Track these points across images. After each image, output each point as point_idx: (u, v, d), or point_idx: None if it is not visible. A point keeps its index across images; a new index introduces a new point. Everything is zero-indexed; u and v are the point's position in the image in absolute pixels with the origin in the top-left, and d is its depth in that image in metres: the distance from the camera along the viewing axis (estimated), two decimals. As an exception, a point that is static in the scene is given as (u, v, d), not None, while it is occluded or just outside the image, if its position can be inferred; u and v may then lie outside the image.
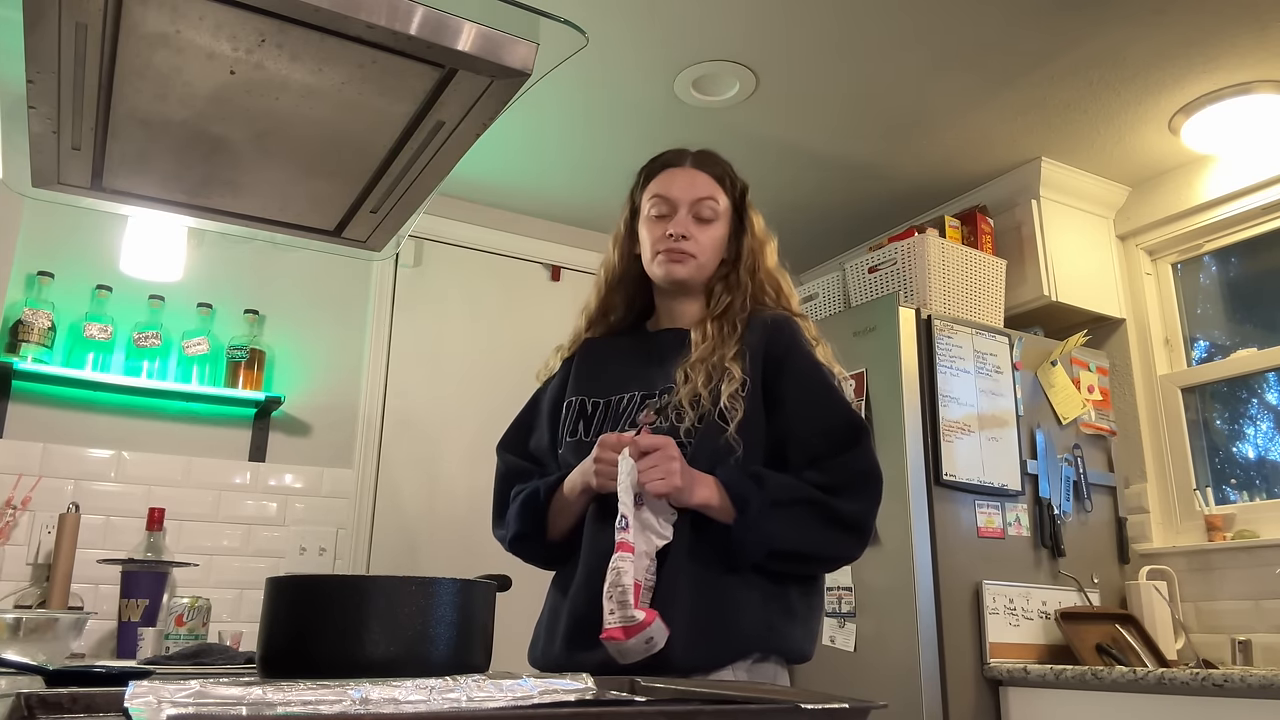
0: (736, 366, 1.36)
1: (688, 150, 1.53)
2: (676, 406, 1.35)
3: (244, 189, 1.28)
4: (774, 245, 1.54)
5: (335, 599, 0.81)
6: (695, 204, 1.46)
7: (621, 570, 1.18)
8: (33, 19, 0.90)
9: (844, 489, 1.33)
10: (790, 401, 1.37)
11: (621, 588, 1.17)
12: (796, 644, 1.34)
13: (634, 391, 1.43)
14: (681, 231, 1.44)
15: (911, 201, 3.35)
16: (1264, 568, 2.61)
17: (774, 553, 1.30)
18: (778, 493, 1.29)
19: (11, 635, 1.29)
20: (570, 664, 1.31)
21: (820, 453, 1.35)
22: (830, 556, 1.38)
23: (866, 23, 2.40)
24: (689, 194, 1.46)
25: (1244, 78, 2.60)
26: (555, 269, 3.57)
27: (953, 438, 2.59)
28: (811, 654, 1.38)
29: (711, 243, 1.47)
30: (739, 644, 1.29)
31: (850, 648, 2.54)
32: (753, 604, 1.31)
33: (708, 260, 1.47)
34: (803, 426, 1.36)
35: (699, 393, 1.34)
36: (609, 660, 1.22)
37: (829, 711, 0.68)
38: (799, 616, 1.35)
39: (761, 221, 1.54)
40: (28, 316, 2.57)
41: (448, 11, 0.95)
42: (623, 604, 1.16)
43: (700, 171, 1.49)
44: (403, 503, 3.10)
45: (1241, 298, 3.03)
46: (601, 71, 2.64)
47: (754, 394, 1.37)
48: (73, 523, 2.48)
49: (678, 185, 1.48)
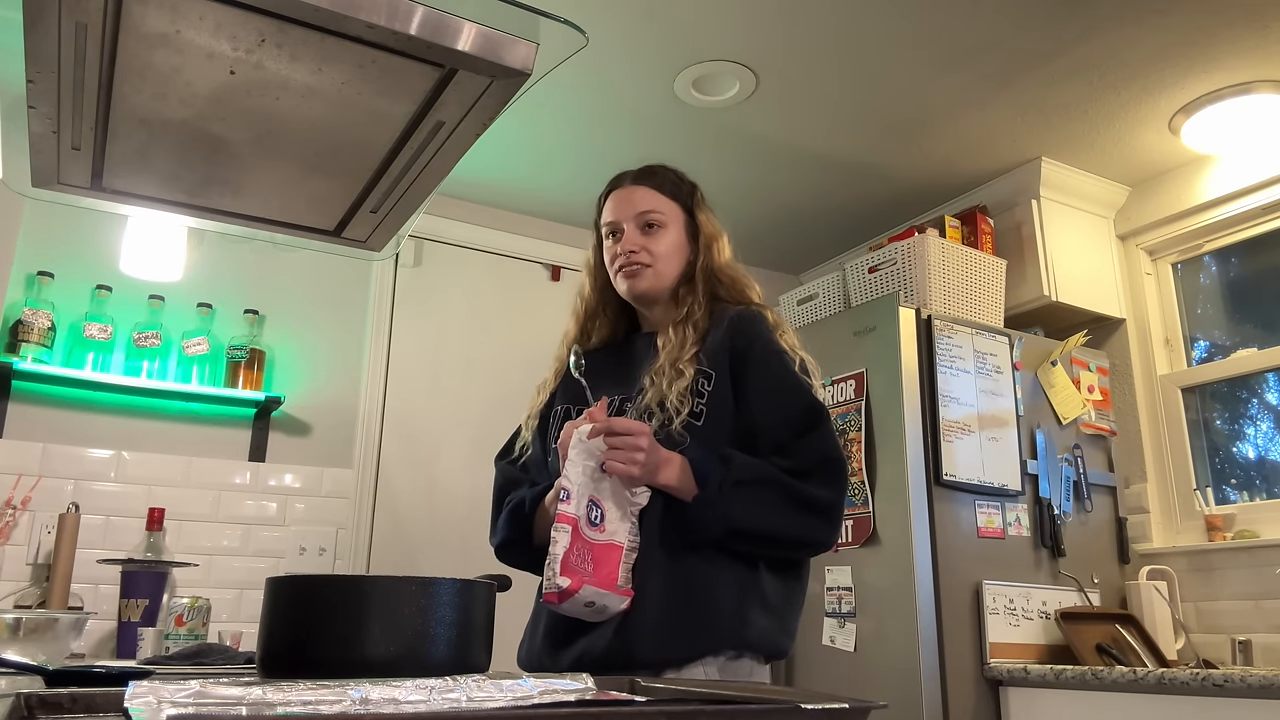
0: (690, 366, 1.41)
1: (629, 171, 1.60)
2: (646, 409, 1.40)
3: (244, 189, 1.28)
4: (724, 240, 1.58)
5: (335, 599, 0.81)
6: (639, 216, 1.53)
7: (555, 540, 1.25)
8: (33, 19, 0.90)
9: (812, 473, 1.36)
10: (753, 393, 1.41)
11: (553, 556, 1.24)
12: (771, 638, 1.35)
13: (614, 397, 1.48)
14: (630, 246, 1.52)
15: (911, 201, 3.35)
16: (1264, 568, 2.61)
17: (734, 531, 1.32)
18: (742, 472, 1.33)
19: (11, 635, 1.29)
20: (550, 660, 1.37)
21: (783, 439, 1.38)
22: (797, 540, 1.38)
23: (866, 23, 2.40)
24: (630, 210, 1.54)
25: (1244, 78, 2.60)
26: (555, 269, 3.57)
27: (953, 438, 2.59)
28: (788, 650, 1.38)
29: (666, 249, 1.53)
30: (710, 638, 1.30)
31: (850, 648, 2.54)
32: (726, 596, 1.32)
33: (665, 267, 1.53)
34: (765, 416, 1.40)
35: (664, 394, 1.39)
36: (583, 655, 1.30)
37: (829, 711, 0.68)
38: (774, 609, 1.36)
39: (711, 218, 1.59)
40: (28, 316, 2.57)
41: (448, 11, 0.95)
42: (553, 572, 1.24)
43: (639, 187, 1.56)
44: (403, 503, 3.10)
45: (1241, 298, 3.03)
46: (601, 72, 2.64)
47: (721, 385, 1.41)
48: (73, 523, 2.48)
49: (619, 206, 1.55)
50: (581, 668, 1.27)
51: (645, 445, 1.29)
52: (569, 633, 1.34)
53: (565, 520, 1.27)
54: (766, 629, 1.34)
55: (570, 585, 1.23)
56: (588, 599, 1.25)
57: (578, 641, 1.33)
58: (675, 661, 1.29)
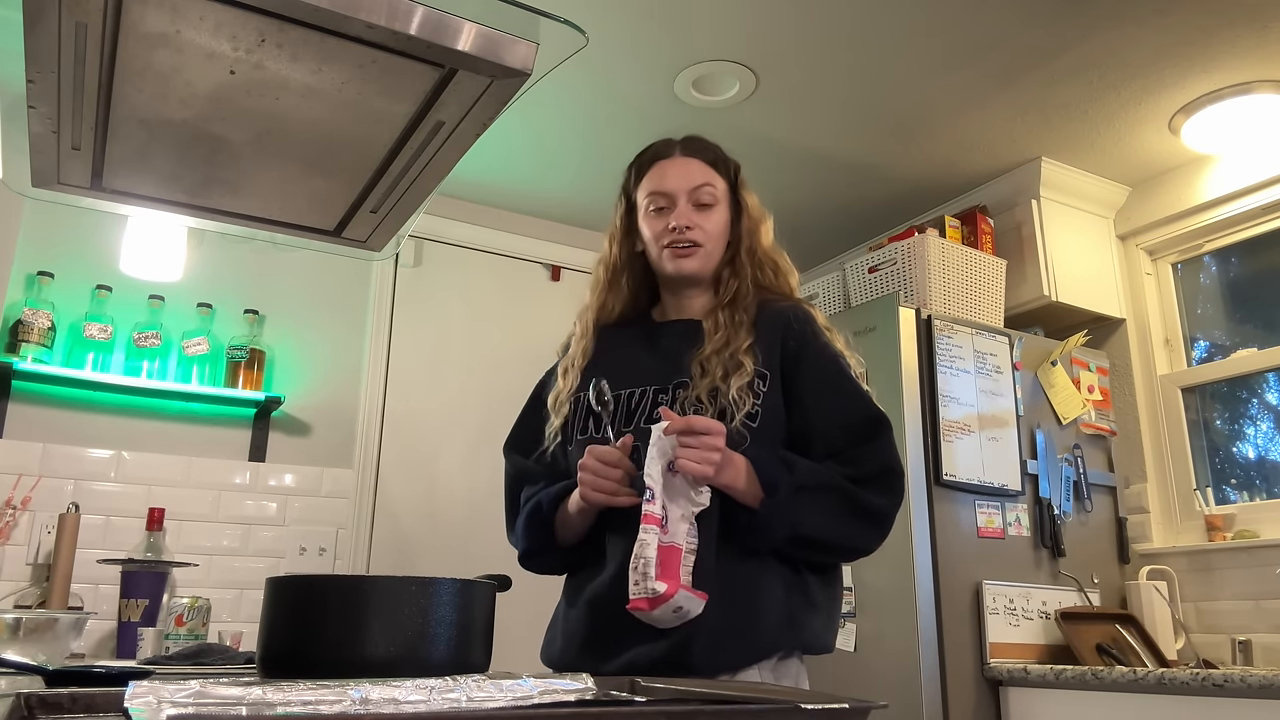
0: (749, 359, 1.34)
1: (674, 140, 1.50)
2: (695, 401, 1.33)
3: (244, 189, 1.28)
4: (769, 224, 1.51)
5: (335, 599, 0.81)
6: (693, 192, 1.43)
7: (645, 543, 1.19)
8: (33, 19, 0.90)
9: (869, 481, 1.32)
10: (809, 395, 1.36)
11: (644, 559, 1.18)
12: (817, 636, 1.33)
13: (646, 386, 1.40)
14: (685, 223, 1.41)
15: (911, 201, 3.35)
16: (1264, 568, 2.60)
17: (796, 538, 1.28)
18: (805, 477, 1.28)
19: (11, 635, 1.29)
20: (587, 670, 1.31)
21: (840, 446, 1.34)
22: (851, 547, 1.35)
23: (866, 23, 2.40)
24: (685, 183, 1.43)
25: (1244, 78, 2.60)
26: (555, 269, 3.57)
27: (953, 438, 2.59)
28: (833, 645, 1.36)
29: (716, 229, 1.44)
30: (763, 643, 1.28)
31: (850, 648, 2.54)
32: (775, 597, 1.29)
33: (714, 248, 1.45)
34: (822, 420, 1.35)
35: (717, 385, 1.33)
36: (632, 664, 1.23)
37: (829, 711, 0.68)
38: (820, 607, 1.34)
39: (756, 200, 1.51)
40: (28, 316, 2.57)
41: (448, 11, 0.95)
42: (645, 575, 1.17)
43: (693, 159, 1.46)
44: (402, 503, 3.10)
45: (1241, 298, 3.03)
46: (602, 71, 2.64)
47: (773, 387, 1.36)
48: (73, 523, 2.48)
49: (672, 176, 1.44)
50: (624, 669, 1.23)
51: (721, 444, 1.23)
52: (616, 642, 1.28)
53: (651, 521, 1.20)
54: (812, 627, 1.32)
55: (667, 590, 1.17)
56: (678, 604, 1.19)
57: (626, 652, 1.27)
58: (731, 666, 1.25)
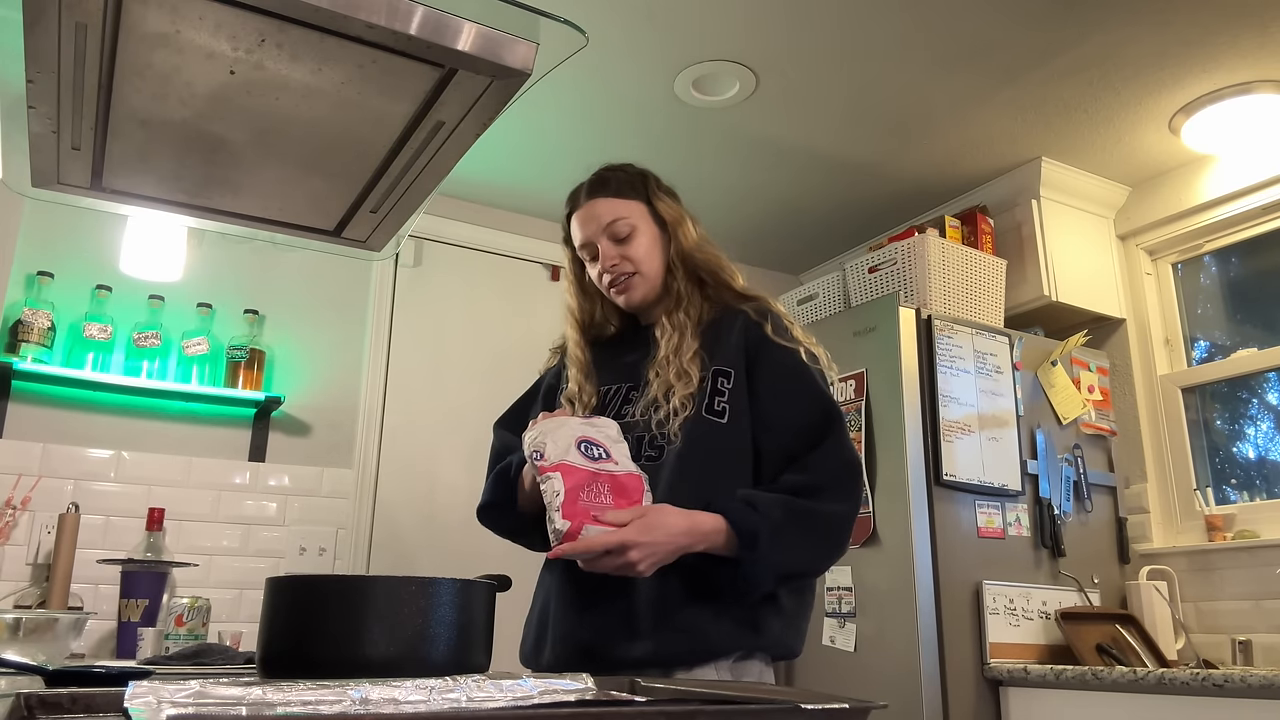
0: (694, 366, 1.41)
1: (584, 183, 1.56)
2: (653, 402, 1.40)
3: (244, 189, 1.28)
4: (688, 223, 1.54)
5: (335, 599, 0.81)
6: (608, 229, 1.50)
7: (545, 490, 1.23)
8: (33, 19, 0.90)
9: (825, 488, 1.34)
10: (765, 396, 1.41)
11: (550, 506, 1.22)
12: (781, 640, 1.35)
13: (621, 384, 1.49)
14: (611, 262, 1.49)
15: (911, 201, 3.35)
16: (1264, 568, 2.61)
17: (780, 578, 1.31)
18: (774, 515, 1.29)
19: (11, 635, 1.29)
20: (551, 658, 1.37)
21: (794, 450, 1.37)
22: (827, 565, 1.39)
23: (866, 23, 2.40)
24: (595, 227, 1.50)
25: (1244, 78, 2.60)
26: (555, 269, 3.57)
27: (953, 438, 2.59)
28: (799, 650, 1.38)
29: (642, 252, 1.50)
30: (721, 641, 1.30)
31: (850, 648, 2.54)
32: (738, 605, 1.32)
33: (650, 268, 1.50)
34: (776, 422, 1.39)
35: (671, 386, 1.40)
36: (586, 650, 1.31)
37: (829, 711, 0.68)
38: (786, 613, 1.36)
39: (670, 203, 1.54)
40: (27, 316, 2.57)
41: (448, 11, 0.95)
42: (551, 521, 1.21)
43: (597, 200, 1.52)
44: (402, 503, 3.10)
45: (1241, 298, 3.03)
46: (601, 71, 2.63)
47: (739, 383, 1.41)
48: (72, 523, 2.48)
49: (584, 226, 1.52)
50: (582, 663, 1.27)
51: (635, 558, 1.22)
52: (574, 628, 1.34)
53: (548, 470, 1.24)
54: (774, 631, 1.33)
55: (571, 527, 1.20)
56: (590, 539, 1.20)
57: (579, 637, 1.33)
58: (686, 661, 1.28)
